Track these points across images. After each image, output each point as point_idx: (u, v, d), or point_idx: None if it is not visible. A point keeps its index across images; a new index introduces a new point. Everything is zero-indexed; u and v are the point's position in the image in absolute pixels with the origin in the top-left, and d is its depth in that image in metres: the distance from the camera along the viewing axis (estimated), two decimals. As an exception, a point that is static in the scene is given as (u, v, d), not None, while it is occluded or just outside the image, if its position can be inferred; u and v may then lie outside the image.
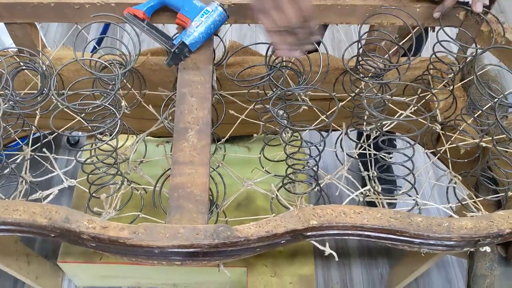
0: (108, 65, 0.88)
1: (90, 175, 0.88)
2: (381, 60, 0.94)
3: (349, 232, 0.72)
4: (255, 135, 1.54)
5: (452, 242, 0.70)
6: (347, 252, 1.58)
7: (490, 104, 0.89)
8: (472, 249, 0.74)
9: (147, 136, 1.04)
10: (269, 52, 0.93)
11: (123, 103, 0.90)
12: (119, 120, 0.79)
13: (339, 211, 0.72)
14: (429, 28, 1.04)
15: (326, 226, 0.71)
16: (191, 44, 0.85)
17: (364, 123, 0.99)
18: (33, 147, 0.96)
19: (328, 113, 1.01)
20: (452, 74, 1.03)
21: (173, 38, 0.88)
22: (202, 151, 0.77)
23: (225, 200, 0.92)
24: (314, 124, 0.94)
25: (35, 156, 0.94)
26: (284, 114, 0.95)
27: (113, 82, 0.86)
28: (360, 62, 0.93)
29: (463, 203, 0.89)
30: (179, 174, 0.74)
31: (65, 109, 0.85)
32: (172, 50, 0.85)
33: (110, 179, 0.87)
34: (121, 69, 0.95)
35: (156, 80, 1.08)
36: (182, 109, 0.81)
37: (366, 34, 0.98)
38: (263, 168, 0.96)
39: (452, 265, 1.57)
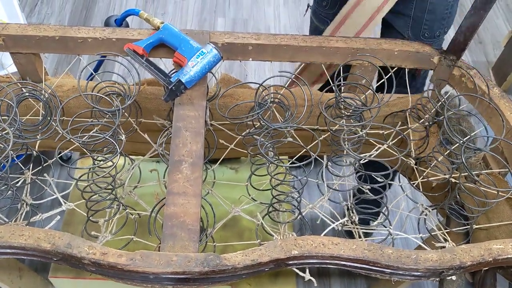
0: (108, 99, 0.95)
1: (86, 199, 0.94)
2: (358, 99, 1.02)
3: (327, 261, 0.80)
4: (242, 158, 1.62)
5: (419, 273, 0.78)
6: (328, 272, 1.66)
7: (457, 144, 0.98)
8: (437, 279, 0.82)
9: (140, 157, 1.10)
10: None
11: (123, 137, 0.96)
12: (118, 151, 0.86)
13: (318, 242, 0.80)
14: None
15: (306, 256, 0.78)
16: (187, 82, 0.92)
17: (344, 156, 1.07)
18: (33, 170, 1.02)
19: (310, 145, 1.09)
20: (428, 111, 1.12)
21: (170, 75, 0.95)
22: (195, 183, 0.84)
23: (215, 225, 0.99)
24: (295, 157, 1.01)
25: (36, 180, 1.00)
26: (269, 146, 1.02)
27: (113, 114, 0.92)
28: (339, 100, 1.01)
29: (432, 233, 0.97)
30: (173, 204, 0.81)
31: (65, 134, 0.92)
32: (170, 87, 0.92)
33: (107, 204, 0.93)
34: (120, 99, 1.02)
35: (152, 108, 1.14)
36: (177, 142, 0.88)
37: (345, 74, 1.06)
38: (249, 195, 1.03)
39: (426, 284, 1.65)
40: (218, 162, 1.10)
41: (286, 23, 2.50)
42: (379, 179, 0.98)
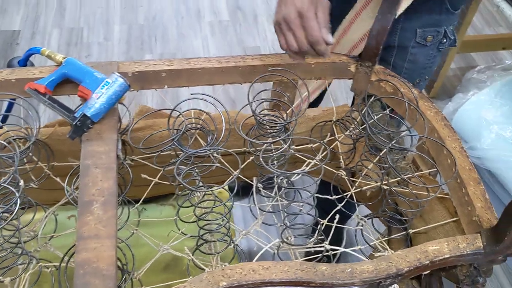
0: (7, 144, 0.87)
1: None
2: (280, 116, 0.99)
3: (260, 288, 0.74)
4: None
5: (356, 287, 0.74)
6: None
7: (385, 149, 0.96)
8: (377, 291, 0.77)
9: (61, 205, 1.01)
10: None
11: (21, 183, 0.87)
12: (18, 199, 0.77)
13: (248, 269, 0.74)
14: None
15: (236, 286, 0.72)
16: (93, 115, 0.86)
17: (275, 175, 1.03)
18: None
19: (239, 169, 1.04)
20: (353, 122, 1.10)
21: (76, 110, 0.89)
22: (108, 223, 0.76)
23: (144, 267, 0.91)
24: (225, 183, 0.96)
25: None
26: (195, 174, 0.97)
27: (13, 160, 0.84)
28: (258, 119, 0.97)
29: (370, 244, 0.94)
30: (84, 250, 0.73)
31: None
32: (74, 123, 0.85)
33: (14, 261, 0.83)
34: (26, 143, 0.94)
35: (66, 150, 1.06)
36: (86, 181, 0.81)
37: (262, 92, 1.03)
38: (179, 230, 0.97)
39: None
40: (142, 199, 1.03)
41: (216, 53, 2.49)
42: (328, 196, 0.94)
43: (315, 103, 1.57)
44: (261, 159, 0.85)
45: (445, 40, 1.15)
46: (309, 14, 0.90)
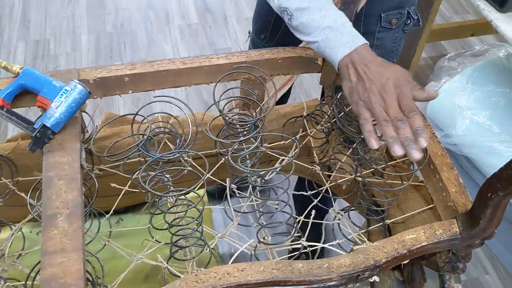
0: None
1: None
2: (249, 114, 0.97)
3: (236, 291, 0.72)
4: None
5: (334, 282, 0.72)
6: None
7: (357, 140, 0.95)
8: (356, 285, 0.76)
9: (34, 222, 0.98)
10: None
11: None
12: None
13: (222, 272, 0.71)
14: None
15: (210, 291, 0.70)
16: (53, 125, 0.83)
17: (249, 174, 1.01)
18: None
19: (211, 171, 1.02)
20: (324, 115, 1.09)
21: (35, 122, 0.85)
22: (74, 236, 0.73)
23: (117, 279, 0.88)
24: (194, 187, 0.93)
25: None
26: (166, 180, 0.94)
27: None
28: (226, 119, 0.95)
29: (348, 237, 0.92)
30: (50, 266, 0.70)
31: None
32: (33, 135, 0.82)
33: (-22, 282, 0.79)
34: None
35: (31, 164, 1.03)
36: (49, 194, 0.78)
37: (230, 91, 1.01)
38: (153, 238, 0.94)
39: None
40: (116, 210, 0.99)
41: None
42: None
43: (283, 100, 1.56)
44: (229, 158, 0.83)
45: (409, 21, 1.16)
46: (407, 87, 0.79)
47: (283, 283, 0.71)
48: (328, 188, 1.00)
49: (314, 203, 0.97)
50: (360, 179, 0.98)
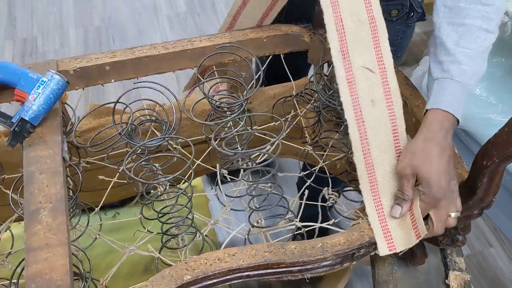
0: None
1: None
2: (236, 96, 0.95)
3: (228, 277, 0.69)
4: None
5: (329, 262, 0.70)
6: (269, 284, 1.56)
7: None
8: (352, 263, 0.74)
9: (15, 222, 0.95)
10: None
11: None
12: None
13: (213, 258, 0.69)
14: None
15: (201, 278, 0.68)
16: (31, 118, 0.80)
17: (239, 159, 0.98)
18: None
19: (201, 158, 1.00)
20: (314, 94, 1.06)
21: (13, 116, 0.82)
22: (59, 230, 0.71)
23: (109, 272, 0.86)
24: (180, 172, 0.91)
25: None
26: (155, 169, 0.91)
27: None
28: (212, 102, 0.93)
29: (344, 215, 0.90)
30: (35, 262, 0.68)
31: None
32: (12, 129, 0.79)
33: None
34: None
35: (16, 161, 0.99)
36: (31, 189, 0.75)
37: (210, 74, 0.98)
38: (144, 228, 0.92)
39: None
40: (105, 203, 0.97)
41: (177, 47, 2.42)
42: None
43: None
44: (213, 142, 0.80)
45: (412, 14, 1.10)
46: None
47: (276, 265, 0.69)
48: (325, 167, 0.97)
49: (307, 183, 0.94)
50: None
